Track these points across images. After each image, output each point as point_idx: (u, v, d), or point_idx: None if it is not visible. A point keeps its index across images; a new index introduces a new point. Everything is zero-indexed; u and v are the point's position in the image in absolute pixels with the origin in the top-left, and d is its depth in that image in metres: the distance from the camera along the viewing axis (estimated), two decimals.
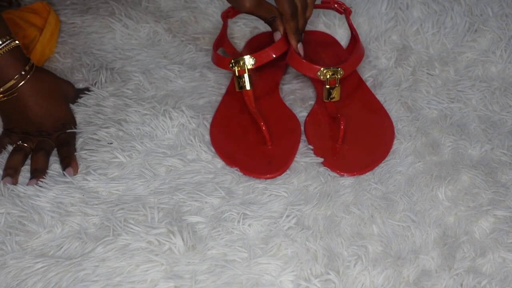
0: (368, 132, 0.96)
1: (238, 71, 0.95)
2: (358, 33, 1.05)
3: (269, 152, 0.93)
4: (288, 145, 0.94)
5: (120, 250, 0.80)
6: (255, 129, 0.95)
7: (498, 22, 1.13)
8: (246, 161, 0.92)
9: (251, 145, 0.94)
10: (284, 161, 0.92)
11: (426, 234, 0.83)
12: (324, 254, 0.80)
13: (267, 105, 1.00)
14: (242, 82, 0.96)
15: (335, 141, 0.94)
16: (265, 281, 0.78)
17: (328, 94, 0.96)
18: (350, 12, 1.06)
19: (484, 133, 0.96)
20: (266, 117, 0.96)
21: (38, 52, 1.07)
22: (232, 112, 0.99)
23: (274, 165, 0.91)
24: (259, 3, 0.94)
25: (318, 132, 0.96)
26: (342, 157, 0.93)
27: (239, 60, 0.95)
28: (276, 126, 0.96)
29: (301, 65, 0.95)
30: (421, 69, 1.06)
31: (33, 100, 0.93)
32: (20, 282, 0.78)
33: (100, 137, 0.95)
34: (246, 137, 0.95)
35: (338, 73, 0.94)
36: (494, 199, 0.86)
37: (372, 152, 0.94)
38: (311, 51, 1.08)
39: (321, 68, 0.94)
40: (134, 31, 1.16)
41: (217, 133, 0.96)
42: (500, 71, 1.07)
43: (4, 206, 0.85)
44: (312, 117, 0.98)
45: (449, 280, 0.78)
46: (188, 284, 0.77)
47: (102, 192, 0.88)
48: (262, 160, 0.92)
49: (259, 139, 0.94)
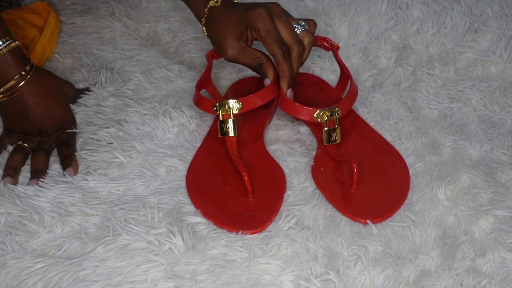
0: (380, 172, 0.90)
1: (223, 115, 0.89)
2: (348, 68, 0.99)
3: (250, 205, 0.85)
4: (271, 199, 0.86)
5: (120, 250, 0.80)
6: (237, 179, 0.88)
7: (498, 22, 1.13)
8: (222, 214, 0.84)
9: (231, 196, 0.87)
10: (267, 215, 0.84)
11: (426, 234, 0.83)
12: (324, 254, 0.80)
13: (250, 153, 0.92)
14: (226, 128, 0.89)
15: (348, 186, 0.88)
16: (265, 281, 0.77)
17: (328, 136, 0.90)
18: (337, 48, 0.99)
19: (484, 133, 0.96)
20: (249, 166, 0.89)
21: (38, 52, 1.07)
22: (213, 158, 0.92)
23: (255, 220, 0.83)
24: (243, 49, 0.90)
25: (327, 178, 0.90)
26: (360, 203, 0.87)
27: (224, 103, 0.88)
28: (259, 177, 0.88)
29: (296, 109, 0.89)
30: (421, 69, 1.06)
31: (33, 100, 0.93)
32: (20, 282, 0.78)
33: (100, 137, 0.95)
34: (226, 187, 0.88)
35: (336, 113, 0.89)
36: (494, 199, 0.86)
37: (391, 193, 0.87)
38: (301, 95, 1.02)
39: (317, 110, 0.88)
40: (134, 31, 1.16)
41: (195, 180, 0.89)
42: (500, 71, 1.07)
43: (4, 206, 0.85)
44: (318, 163, 0.92)
45: (449, 280, 0.78)
46: (188, 284, 0.77)
47: (102, 192, 0.88)
48: (242, 212, 0.85)
49: (241, 190, 0.87)
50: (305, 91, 1.04)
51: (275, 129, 0.98)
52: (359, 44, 1.12)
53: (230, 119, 0.89)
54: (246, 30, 0.89)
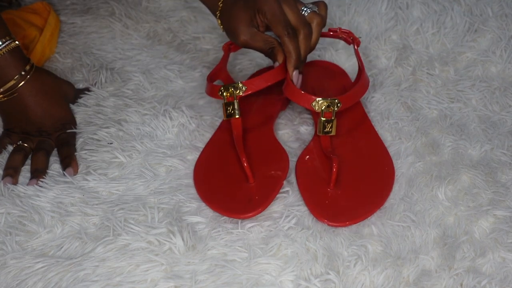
0: (365, 176, 0.89)
1: (227, 97, 0.89)
2: (364, 65, 0.96)
3: (251, 190, 0.86)
4: (270, 183, 0.86)
5: (120, 250, 0.80)
6: (241, 164, 0.88)
7: (498, 22, 1.13)
8: (224, 200, 0.85)
9: (234, 182, 0.87)
10: (264, 199, 0.84)
11: (426, 234, 0.83)
12: (324, 254, 0.80)
13: (257, 137, 0.93)
14: (230, 110, 0.89)
15: (326, 183, 0.87)
16: (265, 281, 0.78)
17: (322, 127, 0.89)
18: (359, 43, 0.98)
19: (484, 133, 0.96)
20: (254, 151, 0.90)
21: (38, 52, 1.07)
22: (220, 147, 0.93)
23: (253, 204, 0.84)
24: (255, 34, 0.90)
25: (309, 172, 0.89)
26: (332, 204, 0.85)
27: (229, 86, 0.89)
28: (262, 161, 0.89)
29: (295, 94, 0.88)
30: (421, 69, 1.06)
31: (33, 100, 0.93)
32: (20, 282, 0.78)
33: (100, 137, 0.95)
34: (230, 174, 0.88)
35: (335, 105, 0.87)
36: (494, 199, 0.86)
37: (366, 200, 0.86)
38: (316, 81, 1.02)
39: (316, 98, 0.87)
40: (134, 31, 1.16)
41: (202, 170, 0.90)
42: (500, 71, 1.07)
43: (4, 206, 0.85)
44: (306, 154, 0.91)
45: (449, 280, 0.78)
46: (188, 284, 0.77)
47: (102, 192, 0.88)
48: (241, 198, 0.85)
49: (243, 175, 0.87)
50: (323, 79, 1.04)
51: (275, 128, 0.98)
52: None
53: (234, 101, 0.89)
54: (255, 16, 0.90)
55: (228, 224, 0.83)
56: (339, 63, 1.09)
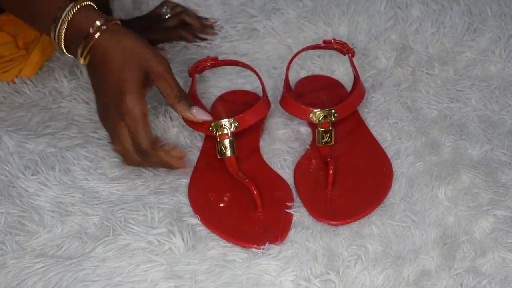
0: (363, 177, 0.89)
1: (220, 135, 0.86)
2: (359, 73, 0.96)
3: (261, 219, 0.84)
4: (281, 210, 0.85)
5: (120, 250, 0.80)
6: (242, 194, 0.86)
7: (497, 22, 1.13)
8: (239, 231, 0.83)
9: (241, 213, 0.85)
10: (282, 228, 0.83)
11: (426, 234, 0.83)
12: (324, 254, 0.80)
13: (250, 168, 0.90)
14: (224, 149, 0.86)
15: (325, 187, 0.87)
16: (265, 281, 0.78)
17: (321, 137, 0.89)
18: (353, 54, 0.98)
19: (484, 133, 0.96)
20: (252, 181, 0.86)
21: (39, 51, 1.07)
22: (213, 175, 0.90)
23: (271, 233, 0.82)
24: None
25: (308, 179, 0.89)
26: (331, 204, 0.86)
27: (221, 123, 0.86)
28: (263, 191, 0.86)
29: (293, 107, 0.89)
30: (420, 69, 1.06)
31: (112, 49, 0.84)
32: (20, 282, 0.78)
33: (100, 136, 0.95)
34: (234, 204, 0.86)
35: (332, 115, 0.88)
36: (494, 199, 0.86)
37: (365, 198, 0.86)
38: (312, 94, 1.02)
39: (313, 109, 0.88)
40: None
41: (201, 202, 0.87)
42: (499, 70, 1.07)
43: (4, 206, 0.85)
44: (303, 161, 0.91)
45: (449, 280, 0.78)
46: (188, 284, 0.77)
47: (102, 192, 0.88)
48: (255, 228, 0.83)
49: (248, 205, 0.85)
50: (320, 92, 1.04)
51: (275, 128, 0.98)
52: (359, 44, 1.12)
53: (227, 139, 0.86)
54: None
55: None
56: (334, 72, 1.08)
